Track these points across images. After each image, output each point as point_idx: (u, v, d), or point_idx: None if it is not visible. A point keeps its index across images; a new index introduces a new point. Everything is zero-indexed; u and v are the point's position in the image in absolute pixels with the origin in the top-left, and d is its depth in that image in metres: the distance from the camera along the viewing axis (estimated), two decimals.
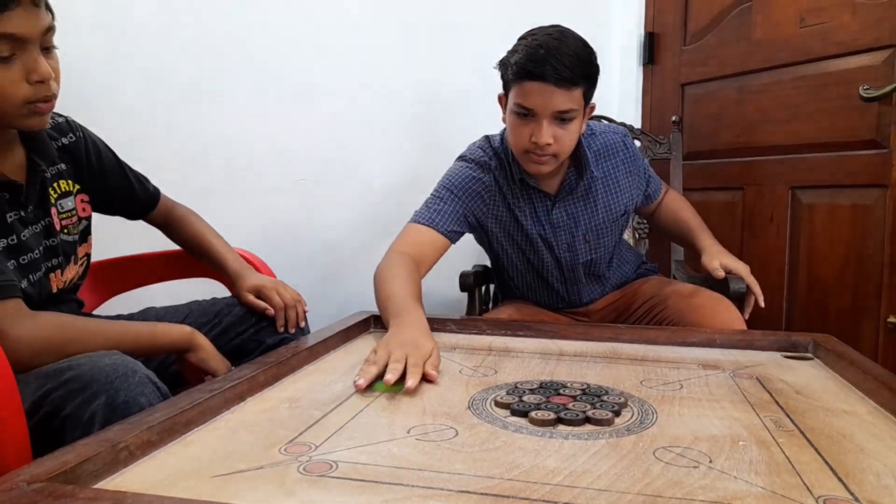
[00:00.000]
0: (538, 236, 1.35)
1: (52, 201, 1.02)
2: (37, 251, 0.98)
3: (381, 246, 1.92)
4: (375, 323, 1.23)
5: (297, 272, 1.71)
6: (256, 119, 1.71)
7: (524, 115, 1.17)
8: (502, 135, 1.36)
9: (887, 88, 1.44)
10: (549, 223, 1.34)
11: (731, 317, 1.25)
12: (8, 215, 0.93)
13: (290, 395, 0.83)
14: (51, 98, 0.89)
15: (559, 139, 1.17)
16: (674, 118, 1.89)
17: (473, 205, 1.32)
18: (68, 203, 1.05)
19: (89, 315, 1.15)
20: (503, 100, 1.26)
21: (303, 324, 1.19)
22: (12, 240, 0.94)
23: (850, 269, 1.59)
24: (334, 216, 1.85)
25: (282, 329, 1.16)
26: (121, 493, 0.52)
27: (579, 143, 1.28)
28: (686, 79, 1.99)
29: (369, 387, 0.83)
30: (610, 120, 1.90)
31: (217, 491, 0.56)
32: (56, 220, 1.02)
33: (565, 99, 1.14)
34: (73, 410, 0.76)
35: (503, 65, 1.21)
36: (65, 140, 1.06)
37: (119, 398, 0.76)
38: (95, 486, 0.56)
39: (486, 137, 1.38)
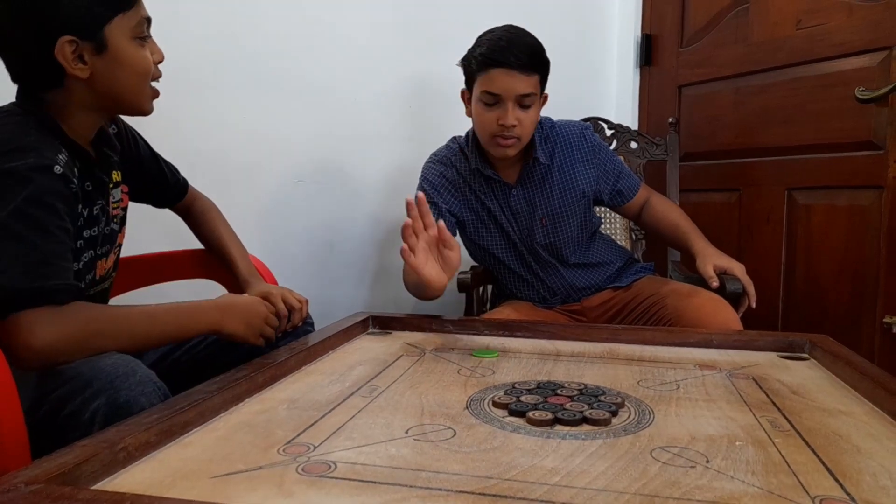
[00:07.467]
0: (502, 222, 1.44)
1: (109, 189, 1.02)
2: (95, 229, 0.97)
3: (381, 246, 1.93)
4: (374, 323, 1.23)
5: (296, 272, 1.71)
6: (255, 119, 1.71)
7: (490, 102, 1.30)
8: (468, 133, 1.48)
9: (883, 90, 1.45)
10: (510, 209, 1.43)
11: (729, 317, 1.26)
12: (86, 184, 0.92)
13: (288, 395, 0.83)
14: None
15: (522, 122, 1.31)
16: (671, 119, 1.89)
17: (447, 198, 1.45)
18: (117, 193, 1.06)
19: None
20: (466, 94, 1.39)
21: (299, 324, 1.18)
22: (84, 210, 0.93)
23: (847, 270, 1.59)
24: (334, 216, 1.85)
25: (279, 333, 1.16)
26: (119, 493, 0.52)
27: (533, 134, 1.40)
28: (683, 80, 1.99)
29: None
30: (607, 121, 1.91)
31: (215, 491, 0.56)
32: (110, 207, 1.02)
33: (526, 83, 1.28)
34: (74, 410, 0.76)
35: (467, 60, 1.34)
36: (111, 130, 1.06)
37: (120, 398, 0.75)
38: (94, 487, 0.56)
39: (454, 137, 1.51)
